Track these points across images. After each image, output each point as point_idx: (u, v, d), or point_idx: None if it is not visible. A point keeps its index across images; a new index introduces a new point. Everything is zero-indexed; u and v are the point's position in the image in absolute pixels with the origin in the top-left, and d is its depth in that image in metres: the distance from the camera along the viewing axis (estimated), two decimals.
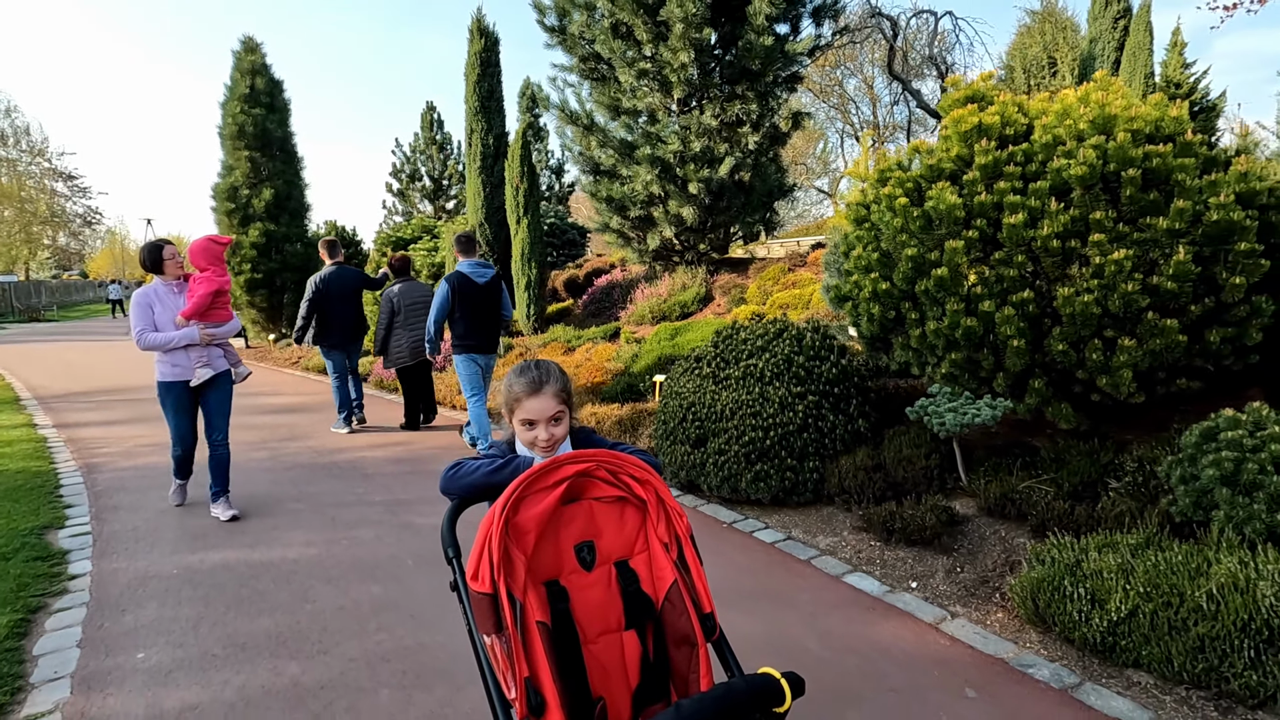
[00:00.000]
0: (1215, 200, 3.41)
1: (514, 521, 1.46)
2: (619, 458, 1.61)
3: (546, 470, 1.51)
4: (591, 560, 1.56)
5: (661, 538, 1.58)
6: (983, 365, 4.01)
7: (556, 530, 1.54)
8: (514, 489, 1.47)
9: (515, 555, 1.44)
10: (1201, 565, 2.65)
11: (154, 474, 5.28)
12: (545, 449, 1.73)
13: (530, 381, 1.73)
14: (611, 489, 1.60)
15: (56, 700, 2.49)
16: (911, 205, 4.18)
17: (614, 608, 1.56)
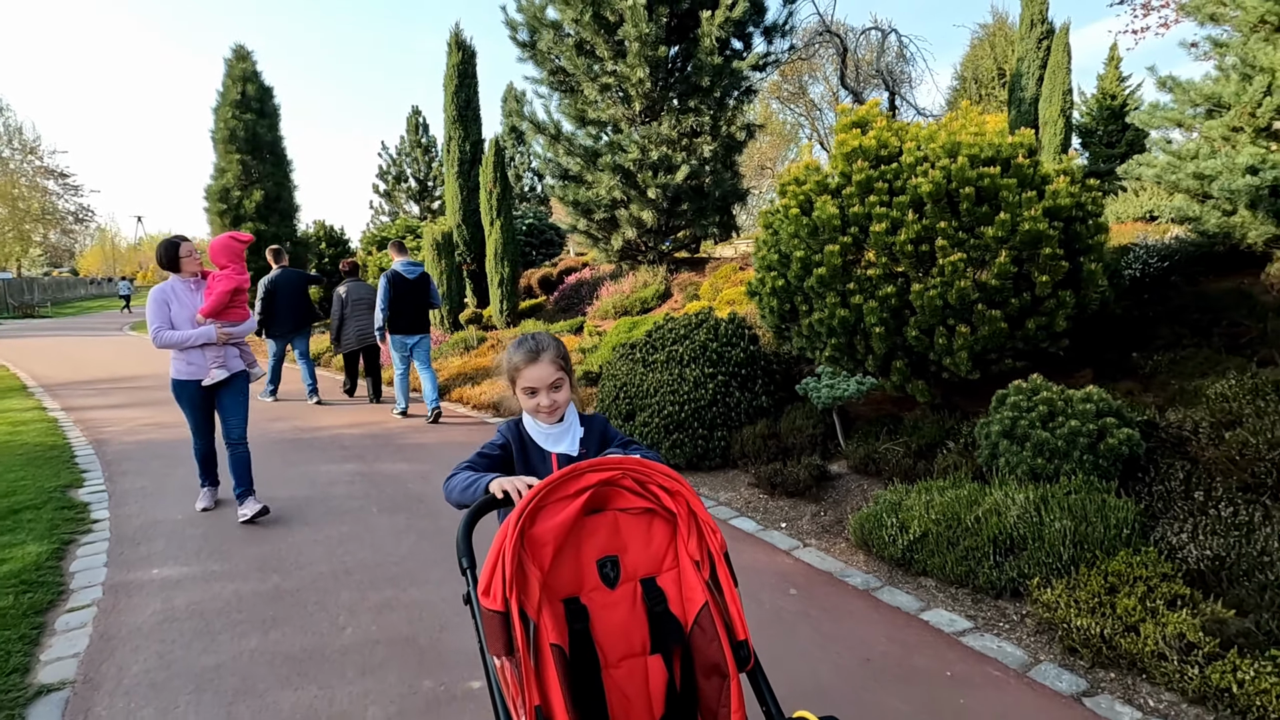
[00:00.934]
0: (1028, 214, 4.20)
1: (530, 533, 1.37)
2: (647, 465, 1.49)
3: (567, 478, 1.42)
4: (615, 577, 1.46)
5: (693, 554, 1.47)
6: (857, 349, 4.80)
7: (578, 543, 1.44)
8: (532, 497, 1.38)
9: (530, 570, 1.35)
10: (978, 498, 3.45)
11: (155, 446, 6.01)
12: (548, 414, 1.78)
13: (528, 351, 1.77)
14: (639, 499, 1.49)
15: (92, 599, 3.24)
16: (802, 215, 4.97)
17: (638, 629, 1.45)
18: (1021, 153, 4.57)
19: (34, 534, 3.96)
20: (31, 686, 2.55)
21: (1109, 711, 2.37)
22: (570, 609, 1.41)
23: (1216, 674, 2.30)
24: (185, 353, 4.08)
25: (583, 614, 1.41)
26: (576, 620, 1.40)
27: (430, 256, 11.08)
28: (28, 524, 4.12)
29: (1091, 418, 3.48)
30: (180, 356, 4.09)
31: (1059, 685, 2.51)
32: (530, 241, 15.44)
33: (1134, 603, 2.65)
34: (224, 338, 4.14)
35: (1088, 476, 3.37)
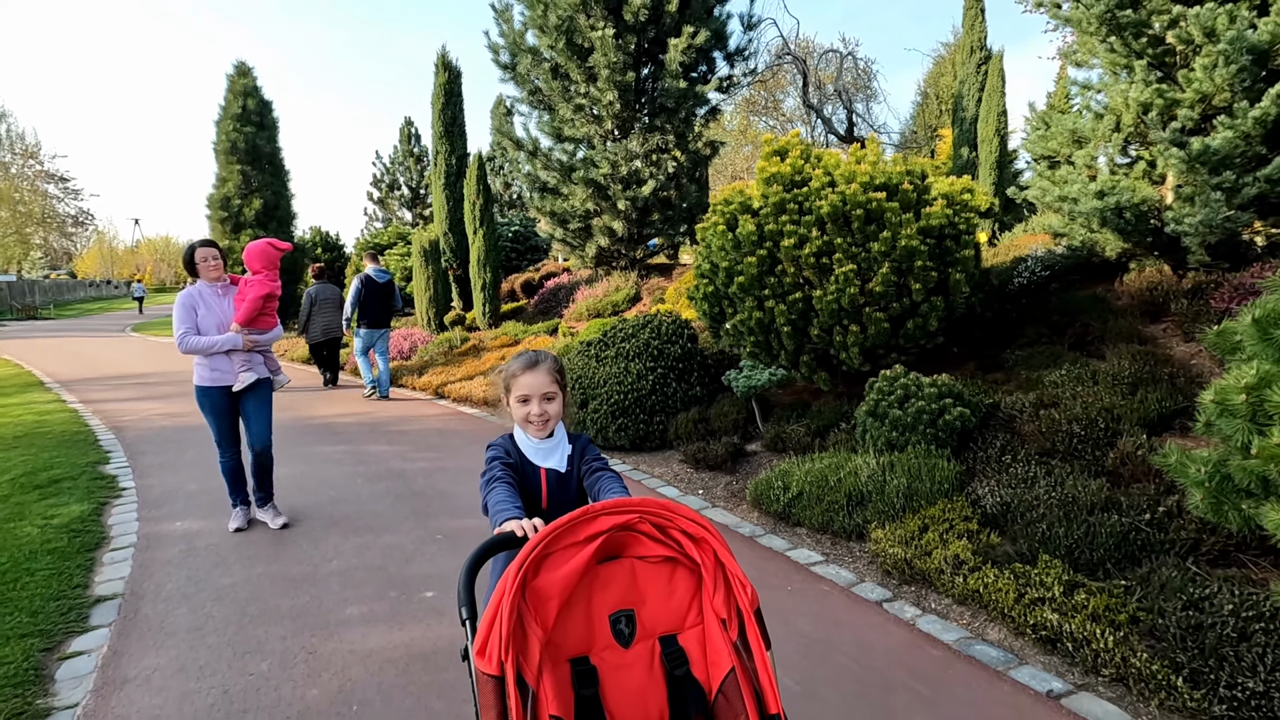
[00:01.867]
0: (906, 232, 5.04)
1: (533, 585, 1.24)
2: (668, 507, 1.35)
3: (578, 521, 1.29)
4: (631, 634, 1.32)
5: (719, 611, 1.32)
6: (772, 346, 5.63)
7: (589, 595, 1.30)
8: (534, 545, 1.25)
9: (531, 629, 1.22)
10: (843, 464, 4.28)
11: (168, 433, 6.81)
12: (539, 426, 1.79)
13: (527, 360, 1.81)
14: (659, 547, 1.35)
15: (129, 542, 4.05)
16: (727, 230, 5.80)
17: (656, 695, 1.30)
18: (906, 181, 5.41)
19: (75, 497, 4.77)
20: (91, 596, 3.36)
21: (899, 611, 3.19)
22: (578, 671, 1.26)
23: (973, 581, 3.13)
24: (210, 358, 3.99)
25: (592, 677, 1.26)
26: (584, 685, 1.25)
27: (419, 262, 11.91)
28: (68, 490, 4.93)
29: (935, 399, 4.31)
30: (204, 362, 4.00)
31: (871, 595, 3.34)
32: (516, 247, 16.26)
33: (934, 537, 3.48)
34: (250, 344, 4.06)
35: (928, 446, 4.21)
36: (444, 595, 3.34)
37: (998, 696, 2.55)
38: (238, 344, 4.01)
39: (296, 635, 2.99)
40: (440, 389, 8.80)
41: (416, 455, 5.92)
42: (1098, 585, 2.90)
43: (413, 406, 8.21)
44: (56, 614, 3.16)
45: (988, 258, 7.89)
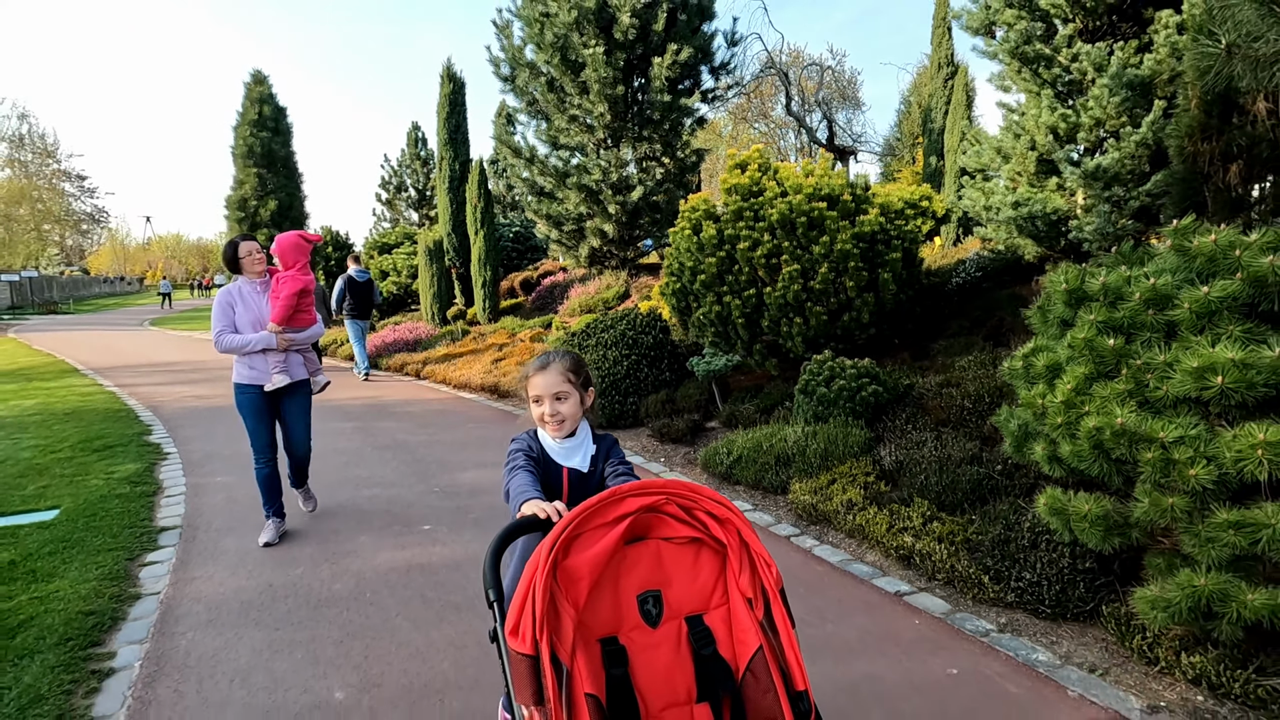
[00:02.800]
0: (842, 237, 5.82)
1: (564, 565, 1.25)
2: (694, 490, 1.38)
3: (606, 502, 1.31)
4: (658, 614, 1.34)
5: (744, 591, 1.34)
6: (730, 335, 6.42)
7: (616, 576, 1.32)
8: (565, 525, 1.27)
9: (563, 608, 1.23)
10: (776, 433, 5.07)
11: (200, 411, 7.66)
12: (553, 426, 1.78)
13: (541, 360, 1.80)
14: (684, 528, 1.38)
15: (180, 491, 4.88)
16: (693, 234, 6.59)
17: (683, 674, 1.33)
18: (846, 192, 6.20)
19: (128, 458, 5.61)
20: (156, 526, 4.19)
21: (801, 542, 3.99)
22: (607, 651, 1.29)
23: (859, 518, 3.92)
24: (247, 356, 3.87)
25: (621, 656, 1.29)
26: (615, 664, 1.28)
27: (424, 261, 12.75)
28: (121, 453, 5.77)
29: (854, 379, 5.10)
30: (242, 360, 3.89)
31: (782, 532, 4.13)
32: (516, 247, 17.09)
33: (838, 488, 4.27)
34: (285, 344, 3.89)
35: (847, 418, 5.00)
36: (436, 529, 4.16)
37: (859, 595, 3.34)
38: (272, 343, 3.84)
39: (322, 552, 3.81)
40: (441, 376, 9.63)
41: (418, 430, 6.74)
42: (950, 519, 3.69)
43: (416, 391, 9.04)
44: (131, 538, 3.99)
45: (937, 259, 8.67)
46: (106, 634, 2.94)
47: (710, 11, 11.73)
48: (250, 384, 3.92)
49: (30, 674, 2.60)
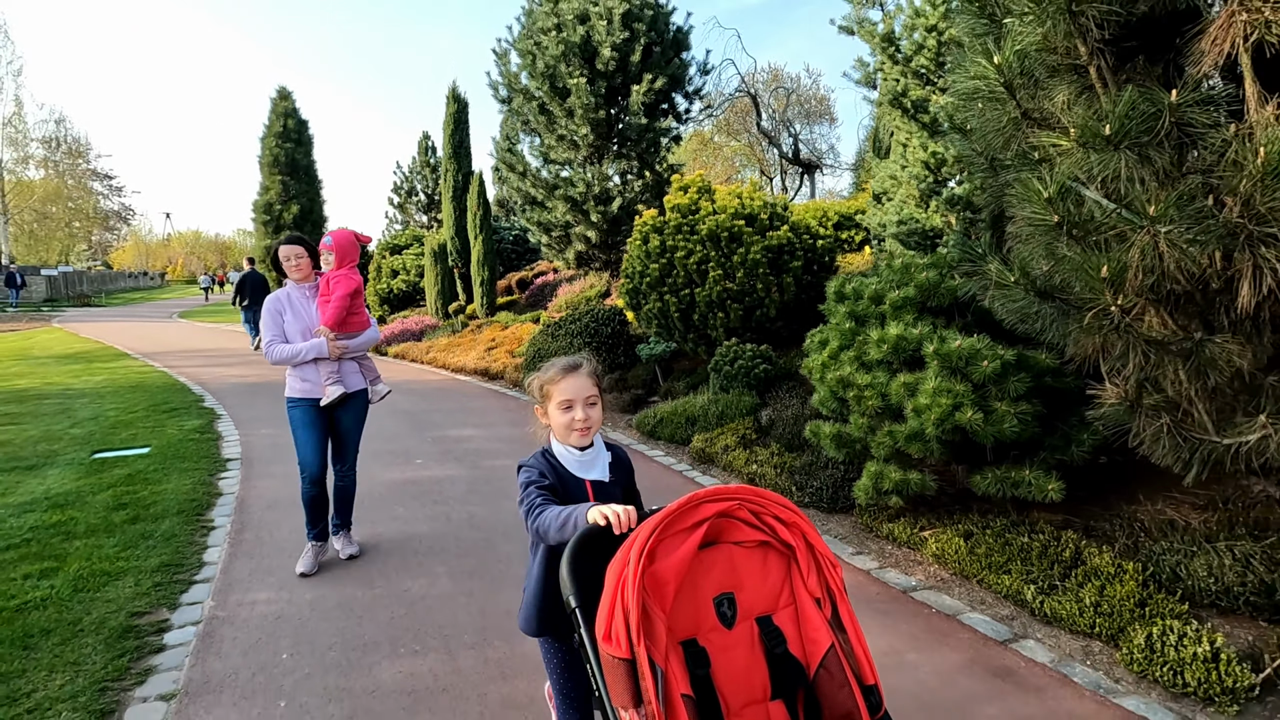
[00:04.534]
0: (754, 249, 7.31)
1: (651, 571, 1.30)
2: (762, 495, 1.45)
3: (685, 508, 1.38)
4: (732, 616, 1.39)
5: (813, 592, 1.42)
6: (669, 327, 7.92)
7: (695, 580, 1.38)
8: (651, 530, 1.31)
9: (655, 612, 1.28)
10: (691, 402, 6.57)
11: (241, 387, 9.25)
12: (583, 433, 1.76)
13: (567, 363, 1.81)
14: (754, 532, 1.44)
15: (235, 438, 6.45)
16: (642, 244, 8.10)
17: (759, 672, 1.38)
18: (764, 212, 7.68)
19: (191, 417, 7.20)
20: (224, 458, 5.76)
21: (691, 474, 5.49)
22: (690, 652, 1.34)
23: (730, 457, 5.41)
24: (299, 368, 3.59)
25: (703, 657, 1.34)
26: (698, 665, 1.33)
27: (429, 261, 14.32)
28: (184, 413, 7.37)
29: (750, 360, 6.60)
30: (294, 372, 3.62)
31: (680, 468, 5.64)
32: (516, 249, 18.65)
33: (723, 438, 5.76)
34: (338, 351, 3.60)
35: (743, 389, 6.49)
36: (426, 463, 5.68)
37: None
38: (323, 351, 3.54)
39: None
40: (441, 362, 11.20)
41: (419, 401, 8.29)
42: (789, 455, 5.18)
43: (418, 373, 10.60)
44: (207, 464, 5.55)
45: (859, 266, 10.12)
46: (205, 511, 4.50)
47: (685, 44, 13.22)
48: (303, 398, 3.59)
49: (164, 526, 4.16)
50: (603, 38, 11.99)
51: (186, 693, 2.58)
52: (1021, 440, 3.51)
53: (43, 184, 38.03)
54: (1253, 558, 2.85)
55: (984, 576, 3.36)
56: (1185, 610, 2.79)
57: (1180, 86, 2.35)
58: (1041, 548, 3.32)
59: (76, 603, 3.21)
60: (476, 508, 4.60)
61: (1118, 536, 3.34)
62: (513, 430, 6.86)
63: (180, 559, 3.74)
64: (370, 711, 2.47)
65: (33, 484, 5.00)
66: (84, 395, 8.58)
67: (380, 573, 3.61)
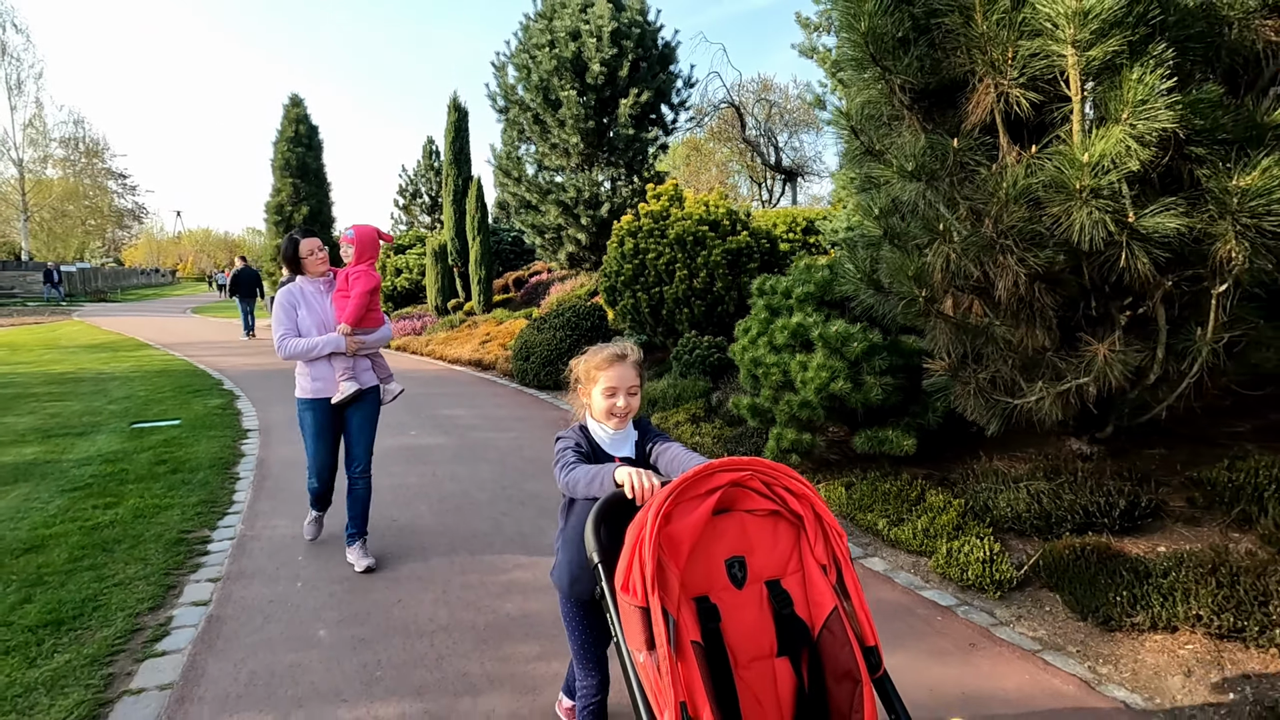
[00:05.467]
0: (715, 252, 8.18)
1: (667, 531, 1.43)
2: (774, 468, 1.56)
3: (700, 476, 1.50)
4: (743, 577, 1.52)
5: (819, 559, 1.54)
6: (641, 321, 8.80)
7: (708, 543, 1.51)
8: (668, 494, 1.44)
9: (669, 567, 1.42)
10: (653, 385, 7.44)
11: (257, 373, 10.17)
12: (622, 419, 1.92)
13: (615, 352, 1.93)
14: (765, 501, 1.56)
15: (253, 413, 7.36)
16: (619, 246, 8.98)
17: (766, 631, 1.51)
18: (725, 218, 8.55)
19: (213, 397, 8.12)
20: (245, 429, 6.66)
21: None
22: (702, 607, 1.46)
23: (681, 430, 6.28)
24: (311, 365, 3.51)
25: (714, 613, 1.47)
26: (709, 619, 1.46)
27: (430, 261, 15.22)
28: (207, 394, 8.29)
29: (706, 349, 7.47)
30: (305, 371, 3.53)
31: None
32: (515, 249, 19.55)
33: (675, 416, 6.63)
34: (354, 346, 3.56)
35: (699, 375, 7.36)
36: (420, 435, 6.57)
37: None
38: (341, 346, 3.50)
39: None
40: (439, 354, 12.11)
41: (418, 387, 9.19)
42: (729, 429, 6.04)
43: (417, 364, 11.50)
44: (231, 433, 6.46)
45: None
46: (232, 466, 5.40)
47: (672, 58, 14.11)
48: (316, 398, 3.54)
49: (199, 476, 5.06)
50: (592, 54, 12.89)
51: (228, 577, 3.47)
52: (888, 406, 4.37)
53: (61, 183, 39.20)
54: (1042, 494, 3.70)
55: (855, 515, 4.21)
56: (989, 532, 3.64)
57: (960, 135, 3.22)
58: (898, 491, 4.19)
59: (137, 524, 4.11)
60: (458, 467, 5.48)
61: (956, 482, 4.20)
62: (497, 411, 7.74)
63: (214, 498, 4.64)
64: (360, 587, 3.37)
65: (85, 446, 5.91)
66: (115, 379, 9.52)
67: (375, 507, 4.49)
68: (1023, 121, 3.17)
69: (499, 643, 2.91)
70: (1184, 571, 2.92)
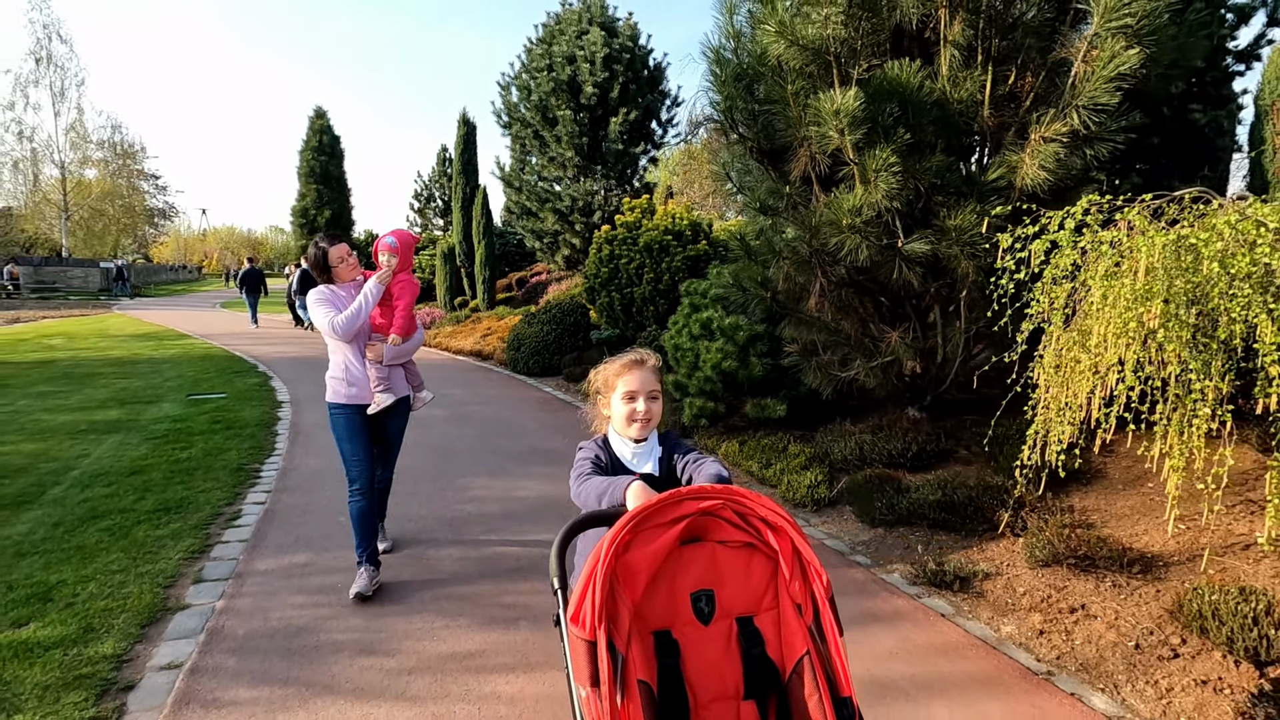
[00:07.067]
0: (678, 259, 9.55)
1: (624, 560, 1.37)
2: (749, 496, 1.47)
3: (665, 504, 1.42)
4: (710, 612, 1.43)
5: (795, 597, 1.43)
6: (615, 317, 10.19)
7: (673, 574, 1.43)
8: (626, 522, 1.38)
9: (621, 598, 1.35)
10: None
11: (286, 360, 11.69)
12: (644, 425, 1.86)
13: (633, 357, 1.90)
14: (739, 533, 1.47)
15: (286, 391, 8.85)
16: (598, 252, 10.38)
17: (732, 670, 1.43)
18: (689, 229, 9.92)
19: (252, 376, 9.64)
20: (281, 401, 8.15)
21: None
22: (661, 642, 1.39)
23: None
24: (348, 372, 3.45)
25: (674, 649, 1.39)
26: (667, 655, 1.38)
27: (440, 262, 16.71)
28: (247, 374, 9.81)
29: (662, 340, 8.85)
30: (340, 377, 3.47)
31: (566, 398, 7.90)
32: (519, 251, 21.02)
33: None
34: (376, 355, 3.46)
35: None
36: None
37: None
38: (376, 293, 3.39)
39: None
40: (444, 345, 13.60)
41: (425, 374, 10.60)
42: (671, 405, 7.41)
43: (426, 354, 12.96)
44: (269, 403, 7.94)
45: None
46: (272, 426, 6.87)
47: (660, 80, 15.49)
48: (350, 404, 3.46)
49: (248, 431, 6.53)
50: (586, 77, 14.31)
51: (276, 490, 4.91)
52: (768, 381, 5.73)
53: (99, 183, 41.35)
54: (864, 444, 5.04)
55: (741, 463, 5.58)
56: (825, 469, 4.99)
57: (789, 183, 4.59)
58: (771, 445, 5.54)
59: (207, 460, 5.57)
60: (449, 429, 6.90)
61: (816, 438, 5.55)
62: (488, 391, 9.17)
63: (261, 445, 6.10)
64: None
65: (154, 411, 7.42)
66: (165, 362, 11.09)
67: None
68: (826, 176, 4.53)
69: (459, 527, 4.32)
70: (926, 490, 4.26)
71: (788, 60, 4.22)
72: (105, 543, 3.89)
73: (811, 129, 4.18)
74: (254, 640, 2.95)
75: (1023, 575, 3.52)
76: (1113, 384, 2.86)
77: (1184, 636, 2.86)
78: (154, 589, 3.36)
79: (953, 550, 3.88)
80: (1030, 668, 2.82)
